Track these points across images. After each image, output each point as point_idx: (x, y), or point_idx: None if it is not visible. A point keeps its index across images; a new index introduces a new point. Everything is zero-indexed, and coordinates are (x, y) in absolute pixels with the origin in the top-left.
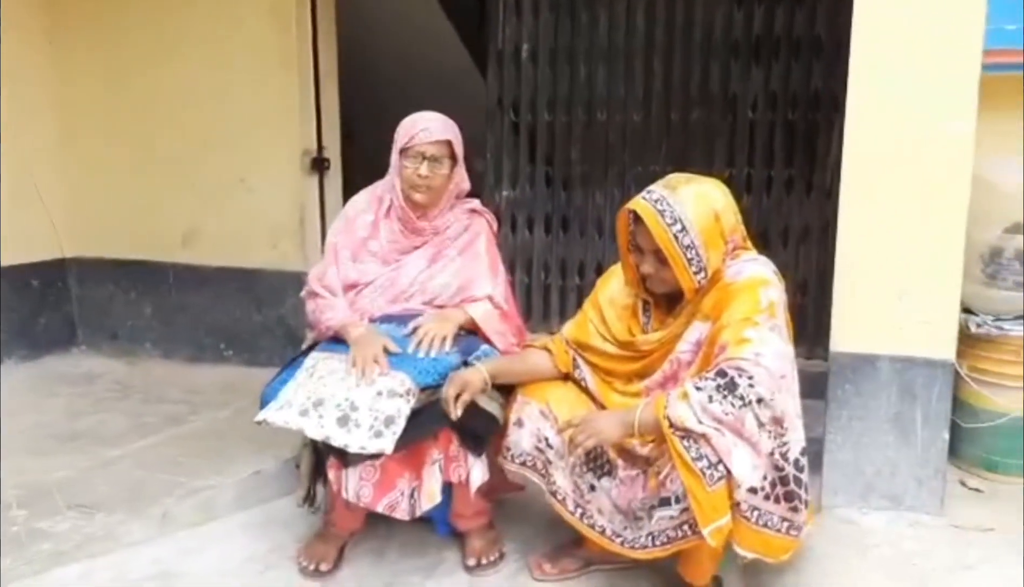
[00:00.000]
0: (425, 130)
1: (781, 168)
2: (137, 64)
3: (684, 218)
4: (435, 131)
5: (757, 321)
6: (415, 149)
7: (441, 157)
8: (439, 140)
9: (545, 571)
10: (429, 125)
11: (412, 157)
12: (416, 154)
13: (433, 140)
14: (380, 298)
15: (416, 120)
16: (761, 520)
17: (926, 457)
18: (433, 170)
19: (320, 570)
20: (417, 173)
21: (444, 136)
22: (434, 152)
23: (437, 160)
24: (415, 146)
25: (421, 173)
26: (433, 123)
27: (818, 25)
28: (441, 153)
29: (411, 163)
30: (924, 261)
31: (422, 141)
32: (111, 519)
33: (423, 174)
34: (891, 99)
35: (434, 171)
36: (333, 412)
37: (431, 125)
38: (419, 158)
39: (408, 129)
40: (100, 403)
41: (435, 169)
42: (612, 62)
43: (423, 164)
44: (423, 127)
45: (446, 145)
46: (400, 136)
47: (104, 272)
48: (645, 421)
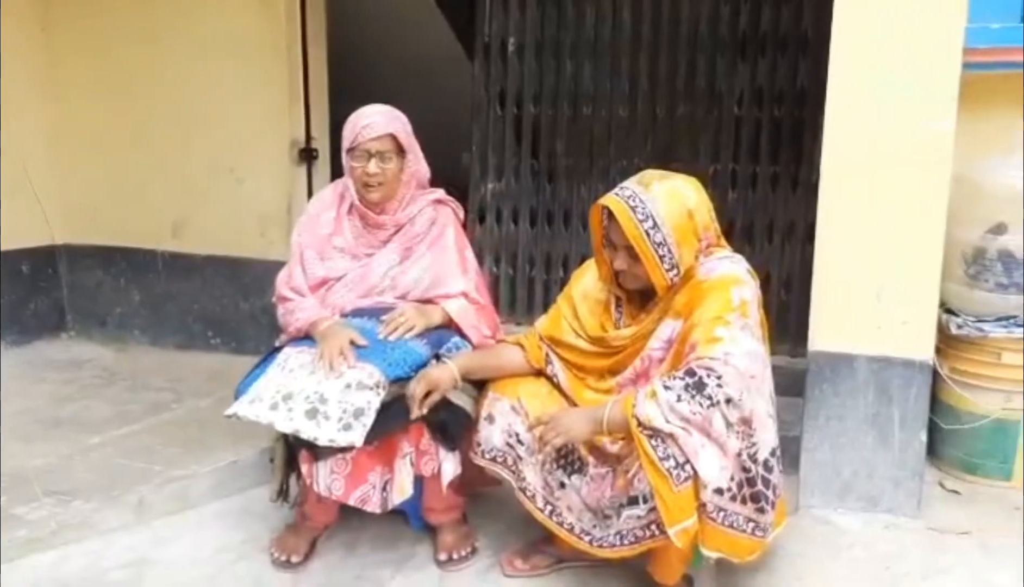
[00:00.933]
0: (367, 127)
1: (767, 164)
2: (128, 55)
3: (656, 215)
4: (377, 126)
5: (728, 320)
6: (360, 148)
7: (387, 151)
8: (382, 135)
9: (516, 567)
10: (370, 121)
11: (358, 156)
12: (362, 153)
13: (376, 136)
14: (351, 293)
15: (358, 118)
16: (727, 521)
17: (903, 458)
18: (381, 166)
19: (291, 562)
20: (365, 171)
21: (387, 130)
22: (379, 148)
23: (384, 155)
24: (359, 145)
25: (369, 171)
26: (375, 118)
27: (805, 21)
28: (386, 147)
29: (358, 162)
30: (903, 261)
31: (365, 138)
32: (87, 506)
33: (371, 172)
34: (871, 97)
35: (382, 167)
36: (302, 405)
37: (372, 121)
38: (365, 156)
39: (351, 128)
40: (86, 389)
41: (383, 164)
42: (598, 56)
43: (370, 162)
44: (364, 124)
45: (390, 139)
46: (345, 136)
47: (94, 259)
48: (614, 419)
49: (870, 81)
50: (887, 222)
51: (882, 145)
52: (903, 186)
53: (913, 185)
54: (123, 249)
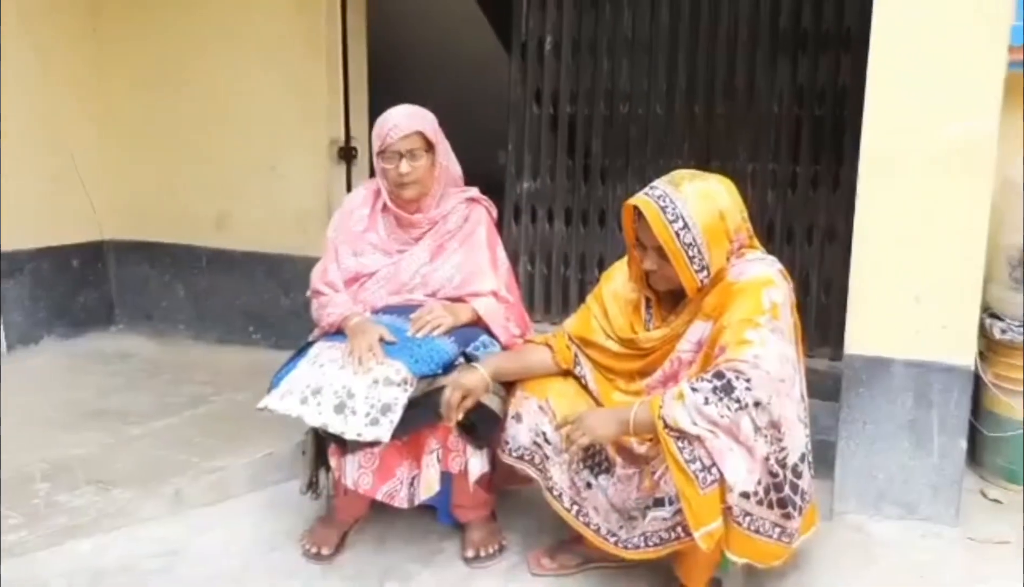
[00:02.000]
0: (394, 128)
1: (807, 164)
2: (174, 54)
3: (686, 216)
4: (404, 126)
5: (758, 322)
6: (389, 150)
7: (416, 150)
8: (409, 134)
9: (543, 566)
10: (397, 122)
11: (389, 158)
12: (392, 154)
13: (403, 135)
14: (382, 290)
15: (385, 120)
16: (753, 525)
17: (942, 465)
18: (412, 164)
19: (322, 554)
20: (398, 171)
21: (414, 128)
22: (408, 146)
23: (413, 153)
24: (388, 147)
25: (401, 171)
26: (401, 118)
27: (847, 18)
28: (415, 146)
29: (389, 164)
30: (943, 263)
31: (394, 139)
32: (125, 496)
33: (404, 171)
34: (911, 96)
35: (413, 165)
36: (331, 399)
37: (399, 121)
38: (396, 157)
39: (379, 131)
40: (130, 381)
41: (414, 162)
42: (635, 55)
43: (402, 162)
44: (391, 126)
45: (418, 137)
46: (374, 140)
47: (140, 254)
48: (640, 420)
49: (910, 79)
50: (927, 224)
51: (922, 145)
52: (944, 187)
53: (954, 186)
54: (168, 245)
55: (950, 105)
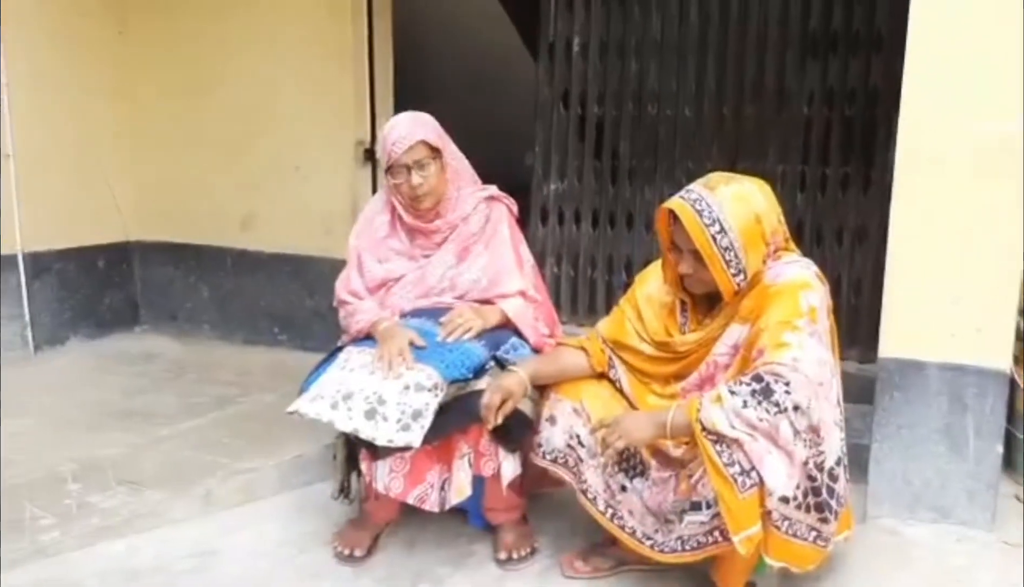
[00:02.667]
0: (396, 142)
1: (837, 166)
2: (200, 57)
3: (723, 219)
4: (407, 138)
5: (797, 325)
6: (397, 164)
7: (424, 159)
8: (413, 145)
9: (576, 569)
10: (399, 134)
11: (398, 172)
12: (400, 168)
13: (407, 148)
14: (410, 294)
15: (387, 135)
16: (791, 530)
17: (978, 469)
18: (422, 175)
19: (353, 556)
20: (410, 185)
21: (417, 138)
22: (414, 158)
23: (421, 164)
24: (395, 162)
25: (413, 183)
26: (402, 130)
27: (878, 19)
28: (421, 155)
29: (400, 178)
30: (979, 266)
31: (398, 154)
32: (156, 497)
33: (415, 184)
34: (947, 97)
35: (423, 176)
36: (361, 405)
37: (401, 133)
38: (404, 171)
39: (383, 149)
40: (155, 382)
41: (423, 173)
42: (664, 56)
43: (411, 175)
44: (393, 140)
45: (422, 146)
46: (381, 156)
47: (165, 255)
48: (678, 423)
49: (947, 80)
50: (962, 225)
51: (959, 146)
52: (981, 188)
53: (991, 187)
54: (193, 246)
55: (987, 105)
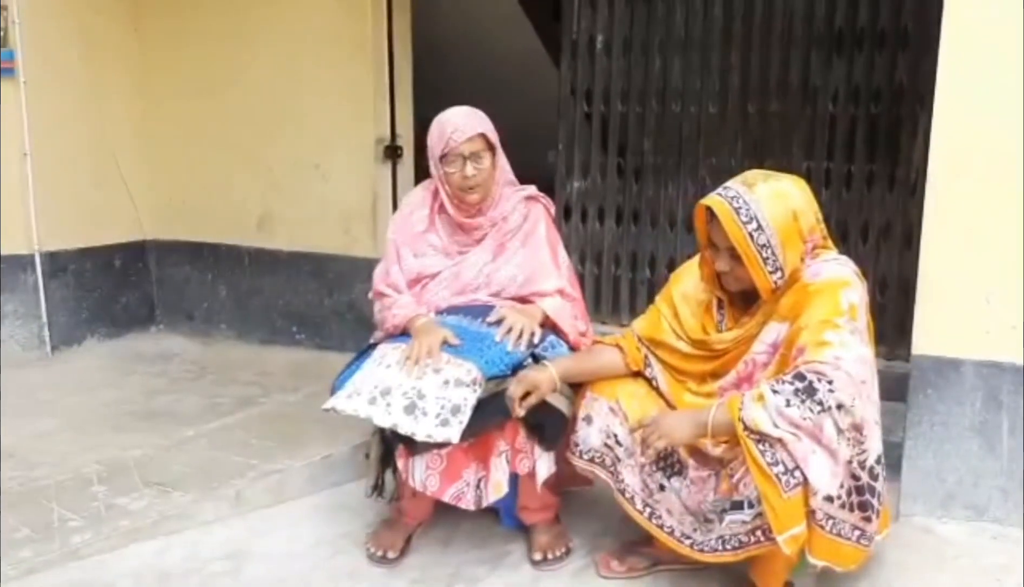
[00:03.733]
0: (456, 131)
1: (862, 163)
2: (216, 52)
3: (760, 217)
4: (466, 128)
5: (837, 323)
6: (453, 152)
7: (480, 151)
8: (473, 136)
9: (612, 569)
10: (459, 124)
11: (452, 161)
12: (456, 157)
13: (467, 138)
14: (445, 291)
15: (444, 123)
16: (835, 529)
17: (1012, 467)
18: (477, 167)
19: (387, 557)
20: (463, 175)
21: (476, 130)
22: (472, 149)
23: (478, 156)
24: (452, 150)
25: (467, 174)
26: (462, 120)
27: (904, 16)
28: (479, 147)
29: (454, 167)
30: (1013, 262)
31: (458, 142)
32: (186, 498)
33: (469, 174)
34: (981, 94)
35: (478, 168)
36: (400, 400)
37: (460, 123)
38: (460, 160)
39: (440, 135)
40: (176, 382)
41: (478, 165)
42: (688, 53)
43: (466, 165)
44: (454, 128)
45: (481, 139)
46: (434, 144)
47: (182, 254)
48: (719, 422)
49: (979, 78)
50: (997, 222)
51: (993, 143)
52: (1014, 187)
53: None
54: (210, 244)
55: (1021, 105)
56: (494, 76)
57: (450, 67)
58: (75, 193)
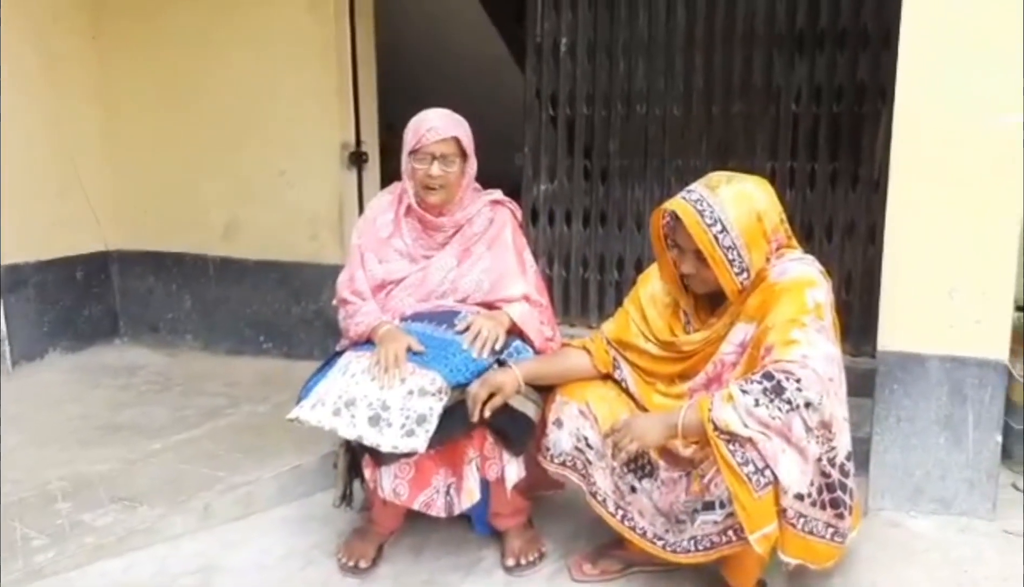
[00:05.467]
0: (432, 129)
1: (825, 161)
2: (178, 59)
3: (724, 218)
4: (442, 129)
5: (804, 322)
6: (424, 150)
7: (450, 155)
8: (446, 138)
9: (585, 572)
10: (435, 124)
11: (421, 158)
12: (425, 155)
13: (441, 139)
14: (410, 297)
15: (422, 120)
16: (807, 527)
17: (978, 460)
18: (444, 169)
19: (359, 567)
20: (428, 174)
21: (451, 133)
22: (443, 151)
23: (447, 158)
24: (423, 147)
25: (432, 173)
26: (439, 121)
27: (864, 16)
28: (450, 151)
29: (421, 164)
30: (976, 258)
31: (430, 141)
32: (153, 513)
33: (434, 174)
34: (941, 92)
35: (445, 170)
36: (365, 412)
37: (437, 123)
38: (428, 158)
39: (415, 130)
40: (141, 395)
41: (446, 168)
42: (652, 55)
43: (433, 164)
44: (429, 126)
45: (454, 142)
46: (408, 138)
47: (146, 264)
48: (689, 424)
49: (939, 75)
50: (959, 219)
51: (953, 140)
52: (976, 181)
53: (986, 180)
54: (174, 254)
55: (981, 101)
56: (460, 80)
57: (415, 72)
58: (35, 204)
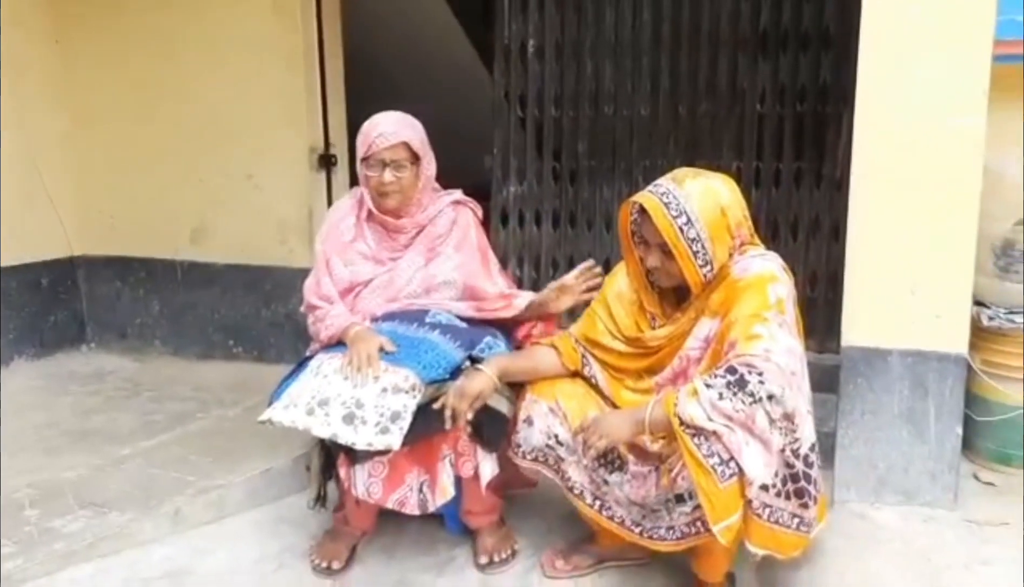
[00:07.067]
0: (380, 136)
1: (790, 161)
2: (144, 62)
3: (690, 211)
4: (390, 135)
5: (766, 317)
6: (374, 157)
7: (401, 160)
8: (395, 144)
9: (557, 568)
10: (384, 129)
11: (373, 166)
12: (376, 162)
13: (390, 145)
14: (378, 298)
15: (371, 127)
16: (772, 517)
17: (939, 451)
18: (396, 175)
19: (332, 568)
20: (380, 181)
21: (400, 138)
22: (393, 157)
23: (399, 164)
24: (373, 154)
25: (384, 180)
26: (388, 127)
27: (826, 17)
28: (401, 156)
29: (373, 172)
30: (936, 255)
31: (379, 148)
32: (123, 518)
33: (386, 181)
34: (901, 93)
35: (397, 176)
36: (339, 410)
37: (386, 129)
38: (380, 166)
39: (365, 137)
40: (110, 401)
41: (398, 173)
42: (619, 57)
43: (385, 171)
44: (377, 134)
45: (404, 147)
46: (359, 145)
47: (112, 270)
48: (656, 419)
49: (899, 77)
50: (919, 216)
51: (913, 140)
52: (935, 180)
53: (945, 179)
54: (141, 259)
55: (940, 102)
56: (429, 82)
57: (384, 74)
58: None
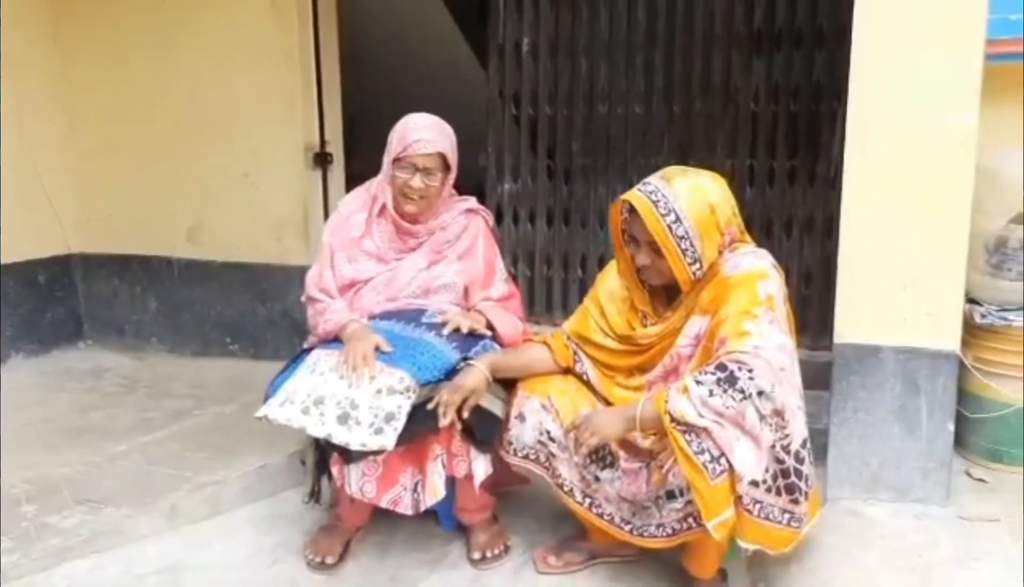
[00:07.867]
0: (418, 142)
1: (784, 159)
2: (141, 60)
3: (678, 209)
4: (430, 143)
5: (756, 314)
6: (408, 160)
7: (433, 168)
8: (432, 152)
9: (550, 564)
10: (424, 135)
11: (404, 167)
12: (408, 165)
13: (427, 152)
14: (378, 296)
15: (410, 128)
16: (763, 513)
17: (932, 448)
18: (426, 182)
19: (326, 563)
20: (408, 184)
21: (439, 148)
22: (427, 164)
23: (430, 172)
24: (408, 157)
25: (413, 185)
26: (428, 133)
27: (820, 15)
28: (434, 164)
29: (403, 174)
30: (928, 252)
31: (415, 153)
32: (119, 514)
33: (415, 186)
34: (894, 91)
35: (427, 183)
36: (334, 410)
37: (426, 135)
38: (411, 169)
39: (402, 137)
40: (107, 398)
41: (428, 180)
42: (613, 55)
43: (415, 176)
44: (417, 138)
45: (439, 157)
46: (394, 144)
47: (109, 267)
48: (646, 416)
49: (892, 74)
50: (912, 214)
51: (906, 138)
52: (928, 178)
53: (938, 177)
54: (139, 257)
55: (932, 100)
56: (424, 80)
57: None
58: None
